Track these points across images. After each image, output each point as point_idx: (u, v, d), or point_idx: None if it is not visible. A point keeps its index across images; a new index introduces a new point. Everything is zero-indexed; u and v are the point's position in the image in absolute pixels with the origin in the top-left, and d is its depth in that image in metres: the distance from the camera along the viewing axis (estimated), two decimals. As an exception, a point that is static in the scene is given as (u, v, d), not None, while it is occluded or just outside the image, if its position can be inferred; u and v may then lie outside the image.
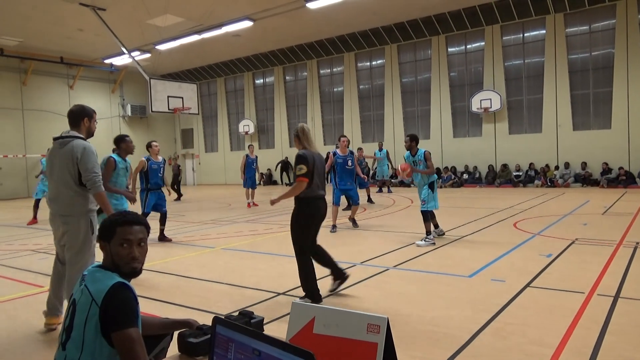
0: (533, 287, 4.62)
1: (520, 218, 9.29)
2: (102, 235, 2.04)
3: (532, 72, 17.65)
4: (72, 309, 1.93)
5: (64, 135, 3.84)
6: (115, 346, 1.81)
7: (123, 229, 2.00)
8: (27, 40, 18.79)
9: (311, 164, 4.25)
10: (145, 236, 2.07)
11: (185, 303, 4.53)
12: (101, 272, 1.97)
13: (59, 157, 3.77)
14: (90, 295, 1.86)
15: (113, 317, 1.80)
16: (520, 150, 17.64)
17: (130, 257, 1.99)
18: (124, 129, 25.57)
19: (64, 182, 3.75)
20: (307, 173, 4.20)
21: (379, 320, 1.35)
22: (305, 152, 4.34)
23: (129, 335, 1.78)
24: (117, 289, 1.84)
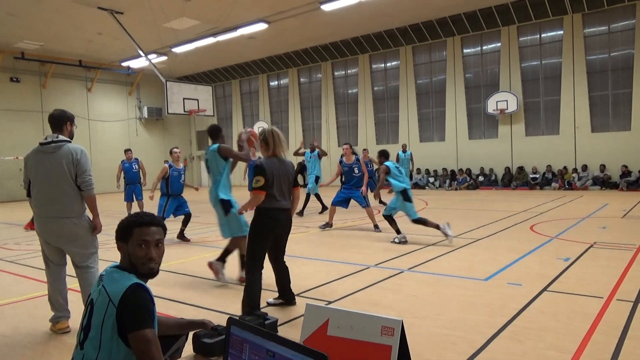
0: (550, 291, 4.55)
1: (537, 221, 9.16)
2: (119, 235, 2.06)
3: (549, 73, 17.42)
4: (90, 308, 1.96)
5: (54, 140, 3.83)
6: (131, 346, 1.83)
7: (141, 229, 2.02)
8: (47, 44, 19.15)
9: (270, 175, 3.96)
10: (163, 237, 2.09)
11: (200, 303, 4.57)
12: (119, 272, 1.99)
13: (54, 160, 3.78)
14: (108, 295, 1.89)
15: (129, 318, 1.82)
16: (537, 152, 17.42)
17: (148, 257, 2.01)
18: (140, 131, 25.90)
19: (66, 183, 3.79)
20: (263, 186, 3.92)
21: (394, 323, 1.35)
22: (264, 162, 4.02)
23: (145, 336, 1.80)
24: (133, 290, 1.87)
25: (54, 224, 3.81)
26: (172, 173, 8.38)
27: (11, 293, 5.27)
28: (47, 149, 3.81)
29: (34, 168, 3.85)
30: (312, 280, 5.32)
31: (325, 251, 7.05)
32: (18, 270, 6.38)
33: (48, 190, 3.80)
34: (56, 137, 3.84)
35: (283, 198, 4.09)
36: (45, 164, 3.79)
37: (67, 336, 3.84)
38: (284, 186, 4.10)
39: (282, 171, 4.09)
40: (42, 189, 3.82)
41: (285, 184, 4.11)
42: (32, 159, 3.88)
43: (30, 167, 3.88)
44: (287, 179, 4.14)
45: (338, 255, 6.67)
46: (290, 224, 4.28)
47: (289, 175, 4.16)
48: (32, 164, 3.87)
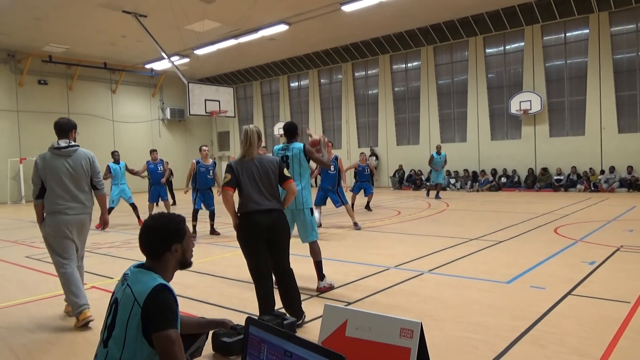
0: (575, 295, 4.45)
1: (561, 223, 8.98)
2: (176, 237, 2.12)
3: (574, 72, 17.06)
4: (114, 307, 1.99)
5: (66, 145, 4.17)
6: (154, 346, 1.86)
7: (185, 226, 2.19)
8: (73, 47, 19.59)
9: (238, 173, 3.71)
10: None
11: (220, 303, 4.61)
12: (143, 272, 2.03)
13: (73, 162, 4.13)
14: (133, 295, 1.92)
15: (154, 318, 1.85)
16: (562, 153, 17.07)
17: (192, 246, 2.22)
18: (163, 132, 26.28)
19: (84, 181, 4.19)
20: (229, 181, 3.69)
21: (413, 325, 1.34)
22: (234, 161, 3.82)
23: (168, 336, 1.83)
24: (159, 291, 1.90)
25: (76, 218, 4.13)
26: (200, 169, 9.12)
27: (37, 290, 5.40)
28: (65, 153, 4.13)
29: (52, 169, 4.10)
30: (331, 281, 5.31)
31: (344, 252, 7.04)
32: (44, 268, 6.54)
33: (71, 189, 4.11)
34: (69, 142, 4.19)
35: (263, 198, 3.73)
36: (66, 165, 4.11)
37: (91, 333, 3.92)
38: (264, 186, 3.76)
39: (261, 170, 3.77)
40: (66, 187, 4.10)
41: (266, 183, 3.77)
42: (48, 161, 4.12)
43: (45, 168, 4.10)
44: (268, 177, 3.79)
45: (358, 257, 6.65)
46: (280, 225, 3.82)
47: (269, 173, 3.80)
48: (48, 166, 4.11)
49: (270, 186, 3.80)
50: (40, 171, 4.12)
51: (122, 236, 9.39)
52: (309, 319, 3.99)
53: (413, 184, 19.83)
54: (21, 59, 20.38)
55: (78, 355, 3.53)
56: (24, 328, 4.04)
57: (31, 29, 16.96)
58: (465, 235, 8.03)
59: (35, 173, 4.16)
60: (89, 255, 7.43)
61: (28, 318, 4.34)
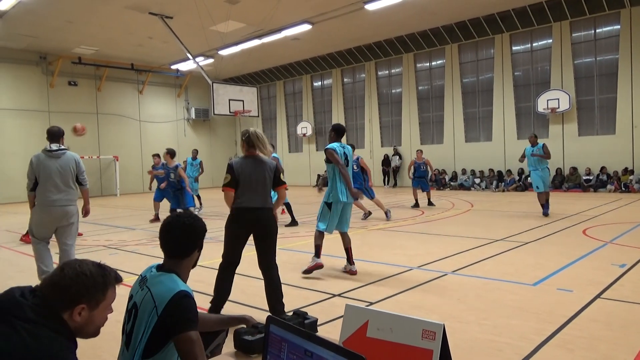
0: (604, 298, 4.34)
1: (590, 225, 8.76)
2: (200, 244, 2.17)
3: (604, 70, 16.59)
4: (134, 312, 2.00)
5: (57, 148, 5.05)
6: (175, 347, 1.88)
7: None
8: (102, 48, 20.05)
9: (238, 174, 3.98)
10: None
11: (242, 300, 4.65)
12: (164, 275, 2.03)
13: (62, 163, 5.02)
14: (153, 300, 1.93)
15: (176, 322, 1.87)
16: (591, 152, 16.63)
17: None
18: (188, 132, 26.66)
19: (71, 179, 5.07)
20: (229, 182, 3.98)
21: (435, 327, 1.32)
22: (234, 161, 4.08)
23: (190, 337, 1.85)
24: (181, 298, 1.91)
25: (62, 210, 5.01)
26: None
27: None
28: (55, 155, 5.02)
29: (45, 168, 4.97)
30: (353, 281, 5.30)
31: (367, 252, 7.01)
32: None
33: (59, 185, 4.98)
34: (59, 146, 5.06)
35: (256, 197, 4.02)
36: (56, 165, 4.99)
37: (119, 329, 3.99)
38: (259, 186, 4.04)
39: (257, 171, 4.05)
40: (55, 184, 4.97)
41: (260, 183, 4.05)
42: (42, 161, 5.00)
43: (39, 167, 4.98)
44: (263, 178, 4.06)
45: (380, 256, 6.62)
46: (267, 223, 4.08)
47: (265, 174, 4.08)
48: (41, 166, 4.98)
49: (265, 187, 4.09)
50: (35, 169, 4.97)
51: (149, 234, 9.56)
52: (330, 318, 3.99)
53: (436, 183, 19.61)
54: (52, 61, 20.95)
55: (106, 350, 3.60)
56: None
57: (62, 32, 17.43)
58: (490, 236, 7.91)
59: (30, 170, 5.02)
60: (117, 252, 7.62)
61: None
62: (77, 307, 1.55)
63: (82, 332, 1.60)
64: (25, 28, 16.89)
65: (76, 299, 1.54)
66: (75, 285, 1.54)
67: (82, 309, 1.55)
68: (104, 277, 1.62)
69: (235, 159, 4.11)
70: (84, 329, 1.60)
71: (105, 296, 1.62)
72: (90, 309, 1.57)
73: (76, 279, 1.55)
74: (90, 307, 1.58)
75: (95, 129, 22.83)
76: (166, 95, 25.81)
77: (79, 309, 1.55)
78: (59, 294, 1.53)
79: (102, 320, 1.65)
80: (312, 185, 24.75)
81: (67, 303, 1.53)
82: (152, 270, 2.11)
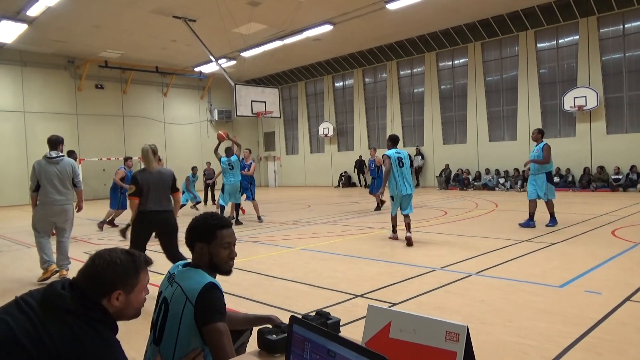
0: (634, 301, 4.22)
1: (619, 225, 8.53)
2: (201, 237, 2.14)
3: (634, 66, 16.13)
4: (165, 307, 2.04)
5: (56, 155, 5.80)
6: (204, 339, 1.93)
7: (224, 232, 2.15)
8: (128, 52, 20.48)
9: (142, 184, 4.89)
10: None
11: (265, 301, 4.68)
12: (191, 270, 2.09)
13: (60, 168, 5.76)
14: (184, 293, 1.98)
15: (205, 313, 1.92)
16: (620, 151, 16.18)
17: (230, 257, 2.16)
18: (211, 133, 26.97)
19: (68, 182, 5.83)
20: (134, 193, 4.90)
21: (459, 329, 1.31)
22: (137, 173, 4.98)
23: (218, 328, 1.91)
24: (209, 289, 1.97)
25: (61, 208, 5.78)
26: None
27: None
28: (54, 161, 5.78)
29: (46, 173, 5.71)
30: (375, 281, 5.29)
31: (389, 252, 6.99)
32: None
33: (58, 187, 5.73)
34: (57, 153, 5.81)
35: (157, 202, 4.94)
36: (55, 170, 5.74)
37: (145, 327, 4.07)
38: (160, 193, 4.98)
39: (157, 180, 4.99)
40: (55, 186, 5.72)
41: (161, 191, 4.99)
42: (43, 166, 5.74)
43: (40, 172, 5.72)
44: (162, 186, 5.02)
45: (403, 257, 6.58)
46: (167, 223, 5.02)
47: (164, 183, 5.03)
48: (43, 171, 5.72)
49: (165, 193, 5.05)
50: (37, 173, 5.73)
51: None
52: (352, 319, 3.99)
53: (460, 183, 19.39)
54: (80, 65, 21.49)
55: (132, 347, 3.67)
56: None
57: (89, 36, 17.86)
58: (515, 236, 7.78)
59: (32, 174, 5.77)
60: (142, 252, 7.74)
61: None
62: (114, 293, 1.64)
63: (123, 315, 1.70)
64: (54, 33, 17.36)
65: (112, 286, 1.64)
66: (109, 274, 1.64)
67: (119, 294, 1.65)
68: (134, 262, 1.71)
69: (138, 171, 5.08)
70: (124, 312, 1.69)
71: (138, 280, 1.71)
72: (126, 293, 1.67)
73: (108, 268, 1.65)
74: (126, 291, 1.67)
75: (121, 131, 23.32)
76: (190, 97, 26.18)
77: (115, 294, 1.64)
78: (95, 284, 1.63)
79: (139, 302, 1.74)
80: (334, 186, 24.75)
81: (105, 291, 1.63)
82: (179, 267, 2.16)
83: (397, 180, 7.52)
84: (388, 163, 7.53)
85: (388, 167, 7.52)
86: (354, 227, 9.69)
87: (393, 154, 7.62)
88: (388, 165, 7.53)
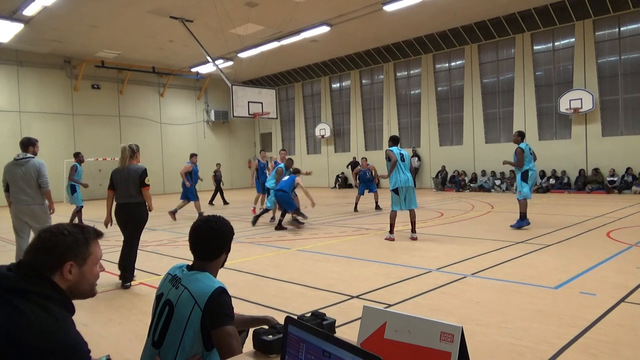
0: (629, 302, 4.24)
1: (614, 227, 8.57)
2: (227, 247, 2.24)
3: (629, 69, 16.21)
4: (169, 310, 2.03)
5: (22, 157, 5.87)
6: (214, 341, 1.95)
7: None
8: (124, 52, 20.43)
9: (114, 179, 5.75)
10: None
11: (261, 301, 4.68)
12: (199, 274, 2.09)
13: (26, 169, 5.82)
14: (192, 297, 1.98)
15: (215, 317, 1.95)
16: (616, 153, 16.26)
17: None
18: (208, 134, 26.94)
19: (34, 182, 5.86)
20: (109, 186, 5.79)
21: (453, 329, 1.32)
22: (113, 170, 5.85)
23: (228, 331, 1.94)
24: (221, 294, 2.00)
25: (27, 208, 5.86)
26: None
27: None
28: (20, 163, 5.87)
29: (12, 174, 5.87)
30: (371, 282, 5.30)
31: (386, 253, 6.99)
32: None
33: (24, 188, 5.86)
34: (25, 155, 5.92)
35: (124, 195, 5.67)
36: (20, 172, 5.85)
37: (141, 328, 4.07)
38: (127, 187, 5.65)
39: (125, 176, 5.68)
40: (20, 187, 5.85)
41: (128, 185, 5.65)
42: (10, 168, 5.89)
43: (7, 173, 5.92)
44: (129, 182, 5.65)
45: (399, 258, 6.59)
46: (130, 214, 5.70)
47: (130, 179, 5.66)
48: (9, 171, 5.89)
49: (131, 187, 5.66)
50: (5, 175, 5.96)
51: (169, 235, 9.70)
52: (348, 320, 3.99)
53: (456, 185, 19.43)
54: (76, 65, 21.42)
55: (128, 349, 3.67)
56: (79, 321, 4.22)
57: (86, 36, 17.81)
58: (510, 238, 7.81)
59: (3, 175, 6.01)
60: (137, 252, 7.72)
61: (83, 312, 4.53)
62: (66, 265, 1.55)
63: (77, 291, 1.60)
64: (50, 33, 17.31)
65: (62, 258, 1.54)
66: (56, 245, 1.55)
67: (71, 266, 1.56)
68: (83, 232, 1.62)
69: (114, 169, 5.82)
70: (78, 287, 1.59)
71: (89, 250, 1.62)
72: (78, 265, 1.58)
73: (56, 240, 1.56)
74: (78, 263, 1.58)
75: (118, 131, 23.26)
76: (186, 97, 26.14)
77: (67, 266, 1.55)
78: (43, 257, 1.53)
79: (93, 276, 1.64)
80: (331, 187, 24.76)
81: (54, 263, 1.54)
82: (183, 270, 2.16)
83: (402, 170, 8.00)
84: (393, 155, 8.02)
85: (395, 159, 8.00)
86: (350, 228, 9.69)
87: (396, 149, 8.14)
88: (394, 157, 8.00)
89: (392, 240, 8.01)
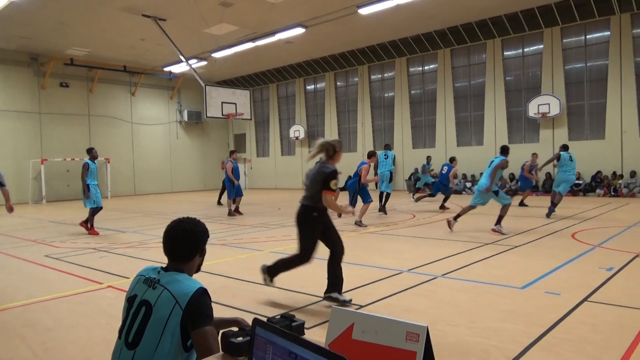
0: (591, 301, 4.38)
1: (579, 229, 8.84)
2: (201, 249, 2.24)
3: (594, 75, 16.78)
4: (145, 310, 2.00)
5: None
6: (194, 342, 1.95)
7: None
8: (95, 50, 19.97)
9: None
10: None
11: (233, 304, 4.64)
12: (178, 274, 2.09)
13: None
14: (173, 297, 1.97)
15: (197, 317, 1.95)
16: (581, 157, 16.68)
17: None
18: (180, 134, 26.59)
19: None
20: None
21: (419, 329, 1.34)
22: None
23: (209, 332, 1.95)
24: (202, 294, 2.01)
25: None
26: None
27: (56, 289, 5.50)
28: None
29: None
30: (345, 283, 5.30)
31: (360, 255, 7.03)
32: (63, 267, 6.67)
33: None
34: None
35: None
36: None
37: (109, 332, 3.98)
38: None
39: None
40: None
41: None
42: None
43: None
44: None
45: (372, 260, 6.64)
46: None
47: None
48: None
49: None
50: None
51: (139, 237, 9.53)
52: (319, 321, 4.00)
53: (429, 187, 19.66)
54: (44, 62, 20.83)
55: (97, 353, 3.59)
56: (43, 326, 4.13)
57: (55, 33, 17.34)
58: (479, 239, 7.96)
59: None
60: (106, 255, 7.57)
61: (47, 316, 4.43)
62: None
63: None
64: (17, 29, 16.80)
65: None
66: None
67: None
68: None
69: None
70: None
71: None
72: None
73: None
74: None
75: (87, 131, 22.71)
76: (159, 97, 25.73)
77: None
78: None
79: None
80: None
81: None
82: (159, 271, 2.13)
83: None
84: (376, 159, 10.46)
85: (375, 161, 10.51)
86: (323, 230, 9.70)
87: (381, 154, 10.79)
88: (376, 160, 10.42)
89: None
